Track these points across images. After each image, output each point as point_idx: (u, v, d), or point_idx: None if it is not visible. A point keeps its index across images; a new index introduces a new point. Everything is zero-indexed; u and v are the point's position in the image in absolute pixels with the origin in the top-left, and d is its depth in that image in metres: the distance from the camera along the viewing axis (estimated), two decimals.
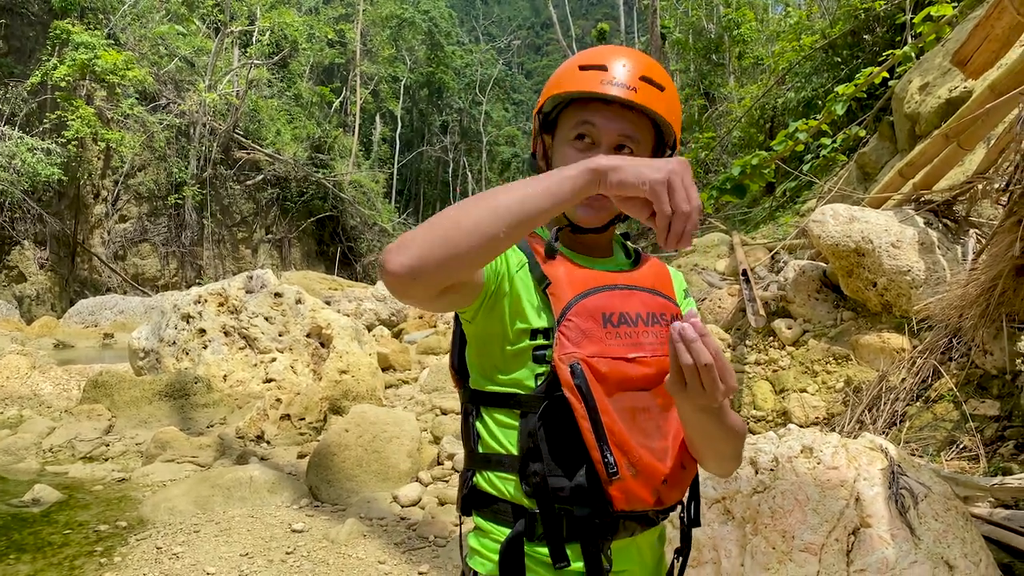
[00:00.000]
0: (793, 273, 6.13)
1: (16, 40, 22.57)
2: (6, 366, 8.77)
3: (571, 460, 1.21)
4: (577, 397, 1.18)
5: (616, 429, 1.20)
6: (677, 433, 1.30)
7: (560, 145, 1.35)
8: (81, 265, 23.80)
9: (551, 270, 1.28)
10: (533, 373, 1.25)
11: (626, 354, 1.24)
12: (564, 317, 1.23)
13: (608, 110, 1.30)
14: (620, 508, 1.20)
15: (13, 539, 4.54)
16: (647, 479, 1.22)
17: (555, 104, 1.37)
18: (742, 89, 20.48)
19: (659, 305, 1.34)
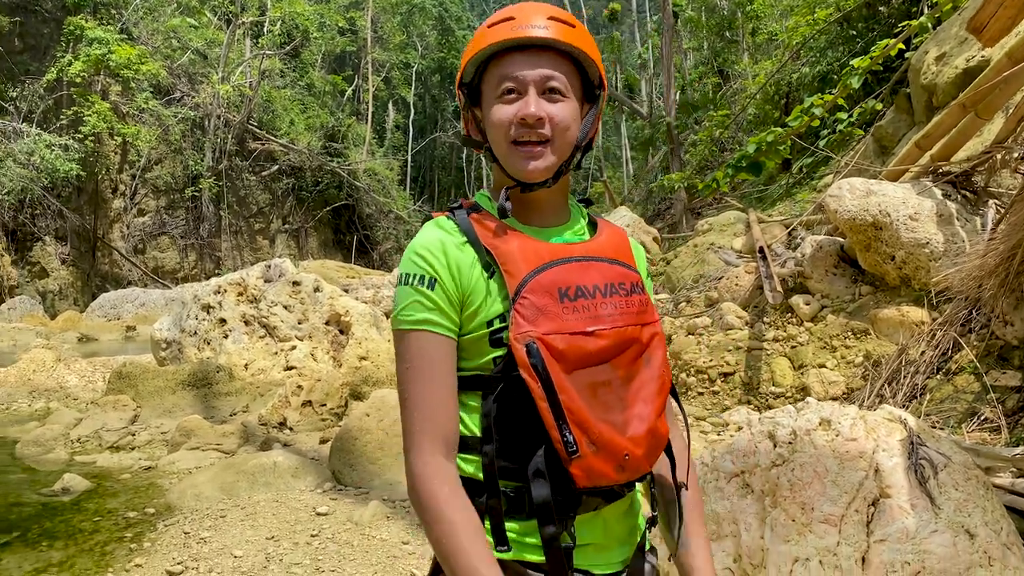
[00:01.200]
0: (810, 249, 6.10)
1: (31, 38, 22.73)
2: (32, 360, 8.91)
3: (530, 440, 1.19)
4: (533, 377, 1.17)
5: (575, 407, 1.18)
6: (648, 401, 1.28)
7: (489, 109, 1.30)
8: (102, 259, 24.05)
9: (504, 245, 1.26)
10: (491, 356, 1.24)
11: (584, 328, 1.22)
12: (519, 296, 1.21)
13: (526, 56, 1.27)
14: (582, 485, 1.19)
15: (45, 527, 4.64)
16: (609, 454, 1.20)
17: (475, 70, 1.34)
18: (756, 66, 20.28)
19: (618, 274, 1.32)
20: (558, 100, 1.27)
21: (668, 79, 22.24)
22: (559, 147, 1.29)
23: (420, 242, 1.28)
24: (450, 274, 1.24)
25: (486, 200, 1.38)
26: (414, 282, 1.24)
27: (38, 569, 4.00)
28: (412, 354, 1.23)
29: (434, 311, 1.22)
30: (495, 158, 1.32)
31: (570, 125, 1.29)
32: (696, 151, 20.66)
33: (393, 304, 1.29)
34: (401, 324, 1.24)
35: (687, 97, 25.24)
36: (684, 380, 6.22)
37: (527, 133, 1.26)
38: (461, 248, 1.26)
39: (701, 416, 5.66)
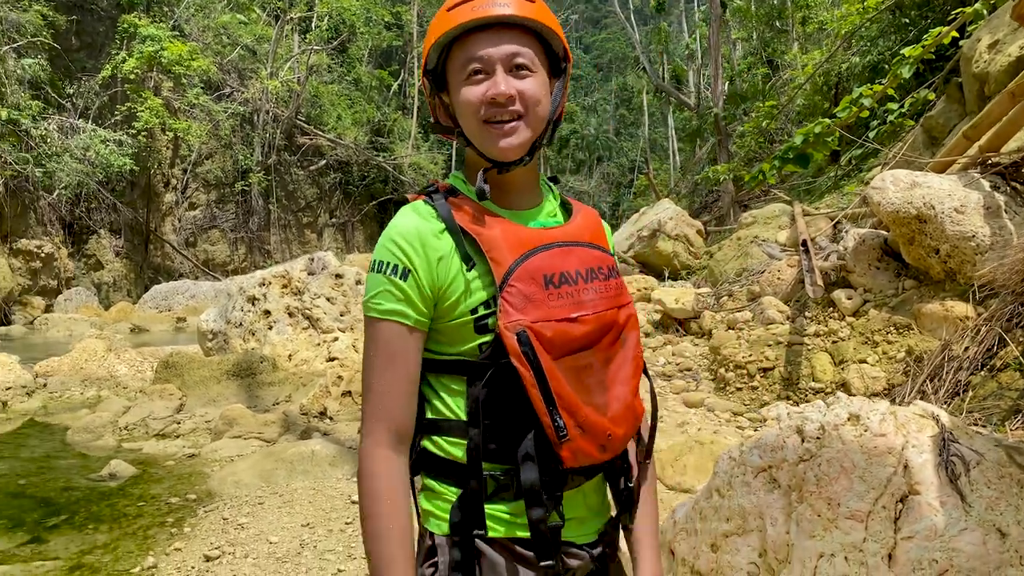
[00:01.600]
0: (853, 242, 5.98)
1: (87, 36, 23.35)
2: (84, 349, 9.19)
3: (518, 424, 1.23)
4: (525, 365, 1.19)
5: (564, 393, 1.22)
6: (625, 381, 1.33)
7: (457, 93, 1.30)
8: (154, 252, 24.64)
9: (487, 232, 1.26)
10: (477, 343, 1.26)
11: (569, 314, 1.25)
12: (506, 283, 1.23)
13: (489, 35, 1.27)
14: (570, 466, 1.24)
15: (92, 510, 4.80)
16: (593, 436, 1.25)
17: (439, 55, 1.33)
18: (805, 56, 19.89)
19: (596, 259, 1.35)
20: (526, 75, 1.27)
21: (716, 69, 21.97)
22: (532, 121, 1.29)
23: (397, 230, 1.28)
24: (426, 265, 1.24)
25: (461, 183, 1.37)
26: (387, 271, 1.25)
27: (83, 551, 4.13)
28: (378, 343, 1.26)
29: (403, 302, 1.24)
30: (468, 142, 1.32)
31: (541, 99, 1.29)
32: (743, 142, 20.36)
33: (365, 288, 1.30)
34: (370, 311, 1.27)
35: (735, 88, 24.89)
36: (722, 375, 6.16)
37: (499, 112, 1.26)
38: (439, 236, 1.26)
39: (739, 411, 5.60)
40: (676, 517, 3.12)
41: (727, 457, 2.96)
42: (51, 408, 8.00)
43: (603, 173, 56.19)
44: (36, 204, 19.75)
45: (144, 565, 3.85)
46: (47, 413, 7.82)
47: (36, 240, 19.55)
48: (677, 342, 7.38)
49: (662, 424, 5.32)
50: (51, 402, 8.18)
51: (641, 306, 9.08)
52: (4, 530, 4.53)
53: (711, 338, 6.82)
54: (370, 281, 1.28)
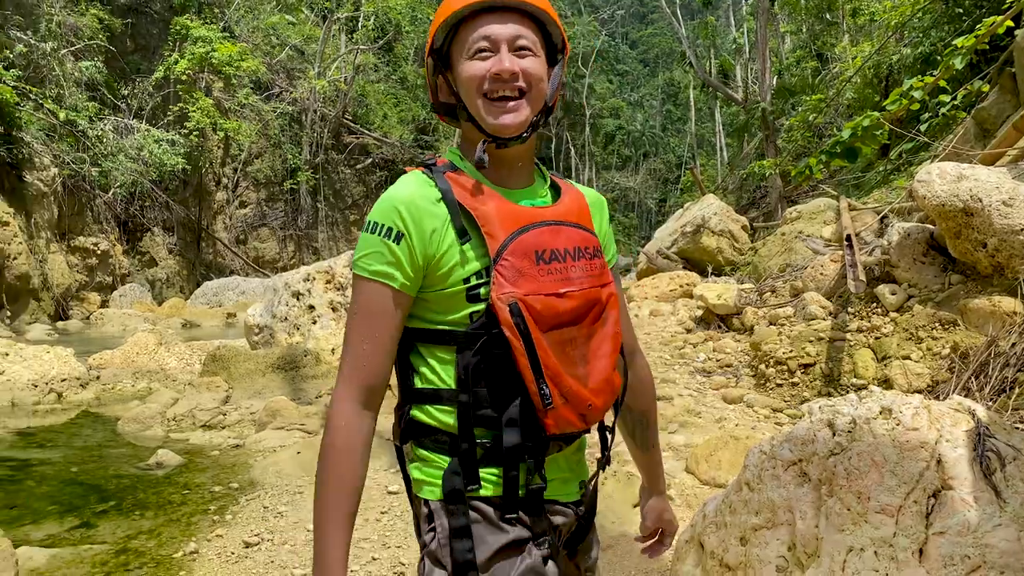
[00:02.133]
0: (897, 236, 5.86)
1: (141, 38, 23.97)
2: (136, 343, 9.45)
3: (506, 392, 1.29)
4: (516, 335, 1.25)
5: (550, 363, 1.28)
6: (606, 355, 1.39)
7: (461, 68, 1.36)
8: (206, 249, 25.20)
9: (483, 206, 1.32)
10: (468, 312, 1.30)
11: (557, 289, 1.31)
12: (500, 257, 1.28)
13: (495, 17, 1.34)
14: (551, 433, 1.31)
15: (139, 498, 4.94)
16: (575, 405, 1.31)
17: (446, 35, 1.39)
18: (855, 48, 19.48)
19: (583, 238, 1.41)
20: (527, 55, 1.35)
21: (763, 63, 21.64)
22: (533, 98, 1.36)
23: (395, 194, 1.32)
24: (420, 232, 1.29)
25: (458, 158, 1.43)
26: (380, 232, 1.30)
27: (129, 535, 4.26)
28: (362, 302, 1.31)
29: (392, 265, 1.29)
30: (469, 116, 1.38)
31: (542, 77, 1.37)
32: (789, 137, 20.04)
33: (356, 247, 1.35)
34: (359, 270, 1.32)
35: (784, 82, 24.50)
36: (763, 371, 6.08)
37: (501, 87, 1.33)
38: (435, 205, 1.31)
39: (778, 408, 5.53)
40: (706, 510, 3.11)
41: (757, 451, 2.93)
42: (104, 399, 8.25)
43: (649, 169, 55.77)
44: (92, 203, 20.35)
45: (186, 550, 3.95)
46: (100, 404, 8.06)
47: (92, 238, 20.15)
48: (718, 338, 7.31)
49: (699, 419, 5.28)
50: (104, 393, 8.43)
51: (683, 302, 9.01)
52: (56, 515, 4.69)
53: (752, 334, 6.74)
54: (363, 241, 1.32)
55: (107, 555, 3.98)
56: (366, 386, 1.30)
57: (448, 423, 1.32)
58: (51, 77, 18.94)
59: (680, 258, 12.24)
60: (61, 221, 19.07)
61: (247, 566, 3.76)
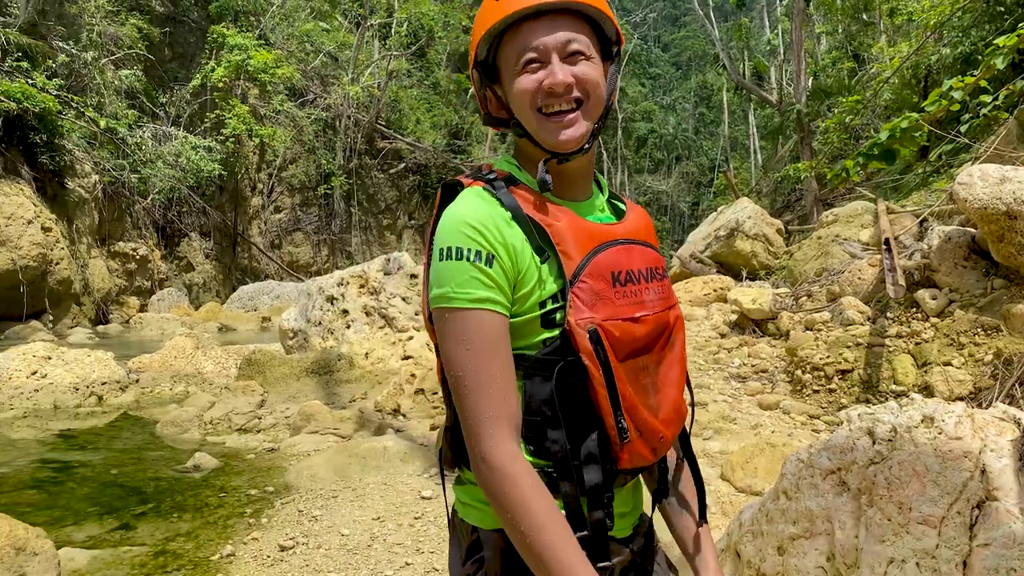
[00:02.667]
0: (938, 240, 5.75)
1: (179, 47, 24.38)
2: (174, 347, 9.59)
3: (580, 424, 1.19)
4: (595, 364, 1.16)
5: (627, 394, 1.19)
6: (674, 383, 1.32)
7: (511, 83, 1.26)
8: (241, 254, 25.53)
9: (556, 223, 1.22)
10: (541, 338, 1.20)
11: (633, 314, 1.23)
12: (577, 279, 1.19)
13: (542, 24, 1.23)
14: (624, 467, 1.22)
15: (176, 500, 5.01)
16: (648, 438, 1.23)
17: (489, 46, 1.29)
18: (892, 48, 19.19)
19: (653, 259, 1.33)
20: (581, 60, 1.24)
21: (798, 65, 21.41)
22: (591, 108, 1.26)
23: (471, 214, 1.20)
24: (507, 251, 1.18)
25: (516, 170, 1.32)
26: (468, 256, 1.16)
27: (168, 538, 4.32)
28: (473, 334, 1.16)
29: (494, 289, 1.17)
30: (524, 132, 1.27)
31: (599, 82, 1.26)
32: (825, 139, 19.78)
33: (437, 279, 1.20)
34: (457, 302, 1.16)
35: (819, 83, 24.20)
36: (799, 377, 6.00)
37: (556, 102, 1.23)
38: (509, 224, 1.20)
39: (815, 415, 5.46)
40: (742, 519, 3.07)
41: (795, 459, 2.89)
42: (143, 402, 8.38)
43: (682, 172, 55.43)
44: (132, 208, 20.73)
45: (223, 553, 3.99)
46: (139, 407, 8.20)
47: (132, 243, 20.52)
48: (753, 343, 7.23)
49: (734, 426, 5.23)
50: (143, 397, 8.57)
51: (717, 306, 8.93)
52: (96, 516, 4.77)
53: (788, 339, 6.66)
54: (449, 269, 1.18)
55: (146, 557, 4.04)
56: (514, 420, 1.17)
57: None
58: (92, 86, 19.36)
59: (714, 262, 12.14)
60: (101, 227, 19.46)
61: (282, 569, 3.79)
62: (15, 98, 15.50)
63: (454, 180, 1.29)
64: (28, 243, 15.27)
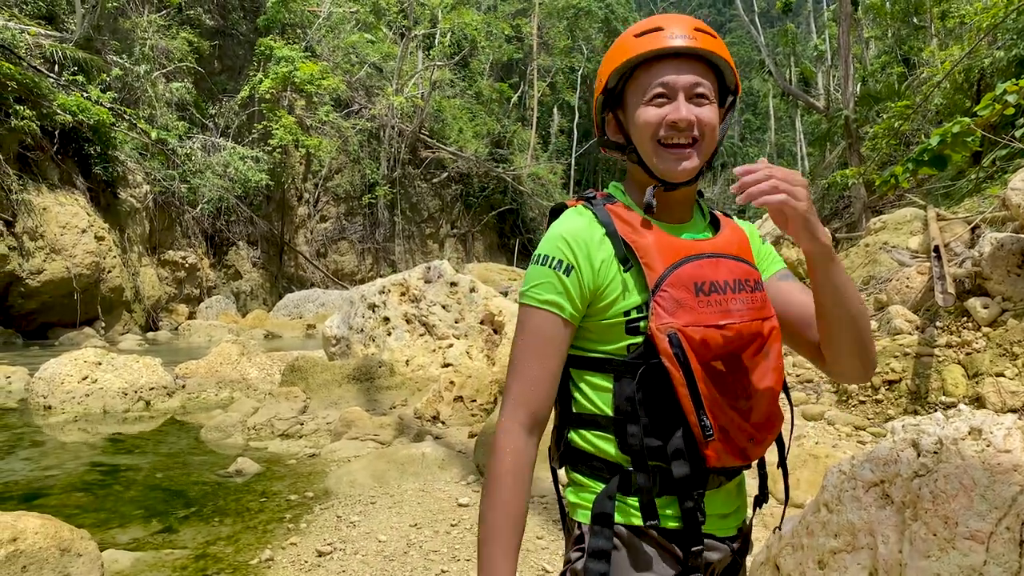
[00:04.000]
0: (990, 247, 5.58)
1: (228, 59, 24.91)
2: (219, 353, 9.75)
3: (667, 422, 1.30)
4: (675, 365, 1.26)
5: (709, 394, 1.28)
6: (767, 391, 1.38)
7: (635, 113, 1.39)
8: (288, 262, 25.92)
9: (641, 239, 1.35)
10: (626, 343, 1.33)
11: (717, 321, 1.32)
12: (659, 288, 1.30)
13: (674, 64, 1.36)
14: (712, 465, 1.31)
15: (219, 504, 5.07)
16: (736, 438, 1.32)
17: (619, 77, 1.42)
18: (944, 52, 18.76)
19: (743, 271, 1.41)
20: (704, 104, 1.37)
21: (846, 70, 21.03)
22: (705, 147, 1.38)
23: (567, 228, 1.37)
24: (589, 265, 1.33)
25: (620, 193, 1.47)
26: (552, 264, 1.34)
27: (208, 541, 4.38)
28: (530, 330, 1.35)
29: (563, 295, 1.32)
30: (638, 159, 1.41)
31: (716, 126, 1.40)
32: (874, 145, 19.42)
33: (525, 278, 1.39)
34: (528, 299, 1.36)
35: (868, 88, 23.77)
36: (845, 387, 5.87)
37: (676, 136, 1.35)
38: (602, 240, 1.35)
39: (860, 426, 5.33)
40: (783, 531, 3.00)
41: (837, 471, 2.81)
42: (188, 408, 8.54)
43: (728, 179, 54.81)
44: (181, 218, 21.19)
45: (262, 557, 4.03)
46: (185, 412, 8.35)
47: (181, 251, 20.97)
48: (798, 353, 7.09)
49: None
50: (188, 402, 8.73)
51: None
52: (141, 519, 4.86)
53: None
54: (532, 272, 1.36)
55: (187, 560, 4.09)
56: (533, 412, 1.33)
57: (605, 450, 1.35)
58: (144, 98, 19.88)
59: None
60: (152, 236, 19.92)
61: (319, 575, 3.81)
62: (71, 111, 15.98)
63: (562, 203, 1.46)
64: (82, 251, 15.70)
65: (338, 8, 27.20)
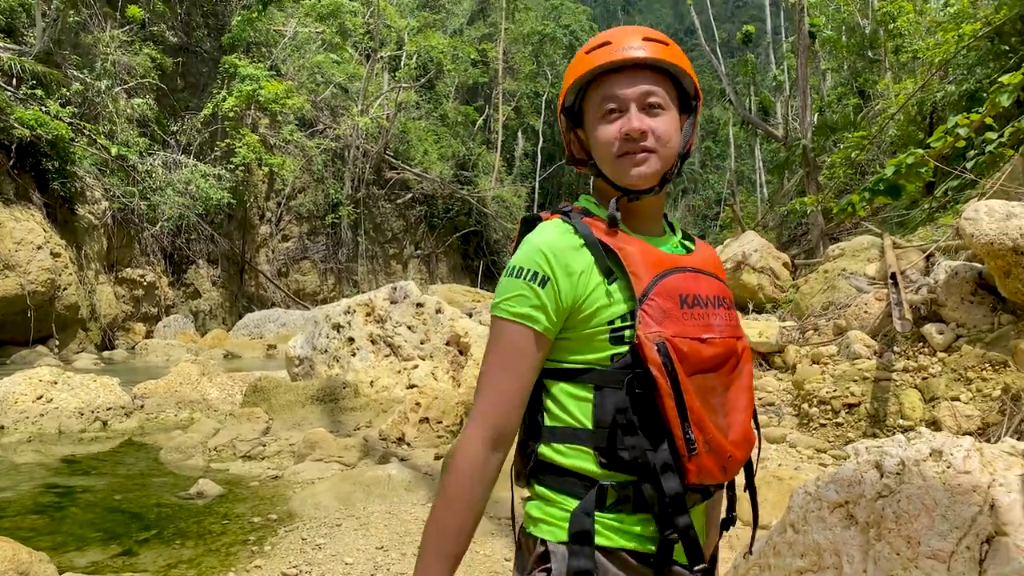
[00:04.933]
0: (944, 275, 5.75)
1: (191, 76, 24.68)
2: (179, 373, 9.60)
3: (650, 435, 1.25)
4: (663, 375, 1.22)
5: (695, 407, 1.25)
6: (743, 408, 1.38)
7: (593, 129, 1.39)
8: (249, 282, 25.61)
9: (628, 247, 1.32)
10: (610, 353, 1.29)
11: (700, 334, 1.30)
12: (647, 297, 1.27)
13: (624, 77, 1.35)
14: (692, 481, 1.26)
15: (179, 527, 4.99)
16: (717, 455, 1.28)
17: (576, 94, 1.42)
18: (898, 85, 19.34)
19: (720, 288, 1.41)
20: (658, 113, 1.35)
21: (804, 100, 21.54)
22: (664, 155, 1.36)
23: (543, 239, 1.33)
24: (567, 276, 1.29)
25: (593, 205, 1.44)
26: (526, 276, 1.30)
27: (170, 565, 4.30)
28: (503, 343, 1.31)
29: (537, 308, 1.29)
30: (599, 173, 1.40)
31: (671, 136, 1.37)
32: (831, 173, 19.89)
33: (497, 290, 1.36)
34: (501, 312, 1.32)
35: (825, 119, 24.37)
36: (806, 411, 5.98)
37: (632, 147, 1.34)
38: (579, 251, 1.31)
39: (822, 448, 5.43)
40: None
41: (802, 492, 2.88)
42: (147, 428, 8.38)
43: (688, 205, 55.62)
44: (140, 235, 20.84)
45: None
46: (143, 433, 8.19)
47: (139, 269, 20.60)
48: (760, 376, 7.21)
49: None
50: (147, 423, 8.57)
51: None
52: (99, 542, 4.75)
53: (795, 372, 6.64)
54: (506, 285, 1.33)
55: None
56: (500, 427, 1.29)
57: (581, 464, 1.29)
58: (104, 114, 19.58)
59: None
60: (110, 253, 19.56)
61: None
62: (28, 125, 15.68)
63: (535, 215, 1.42)
64: (37, 268, 15.35)
65: (304, 28, 27.17)
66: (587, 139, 1.42)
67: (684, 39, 78.14)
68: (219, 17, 25.62)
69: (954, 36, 13.91)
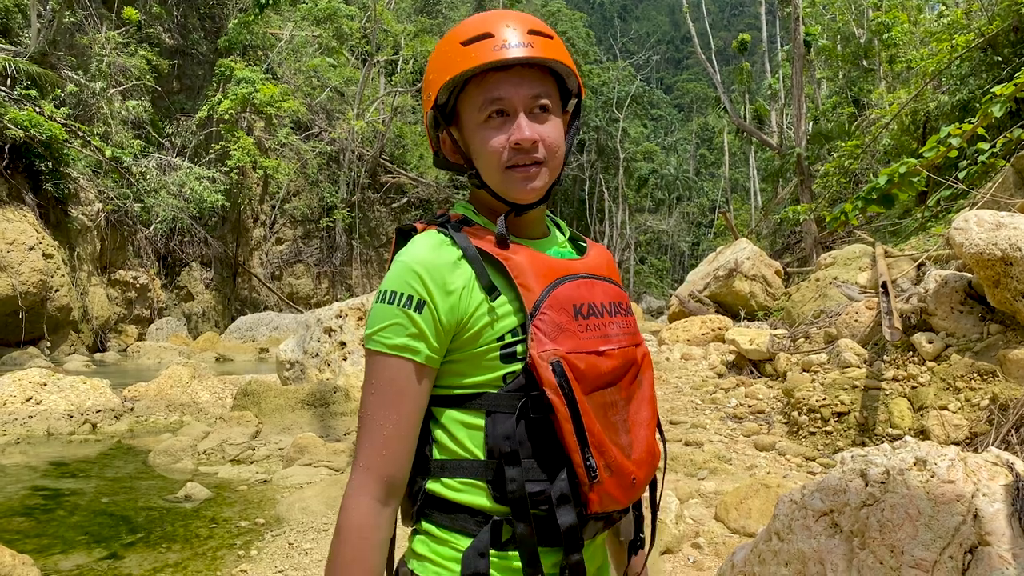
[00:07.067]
0: (934, 284, 5.77)
1: (187, 79, 24.67)
2: (170, 376, 9.56)
3: (548, 463, 1.14)
4: (560, 397, 1.11)
5: (595, 430, 1.14)
6: (646, 422, 1.27)
7: (474, 133, 1.25)
8: (242, 285, 25.55)
9: (515, 257, 1.20)
10: (501, 373, 1.17)
11: (597, 347, 1.20)
12: (538, 311, 1.16)
13: (510, 77, 1.21)
14: (594, 511, 1.15)
15: (166, 530, 4.97)
16: (620, 479, 1.17)
17: (449, 92, 1.26)
18: (891, 94, 19.43)
19: (615, 294, 1.31)
20: (547, 118, 1.24)
21: (799, 109, 21.64)
22: (552, 165, 1.25)
23: (414, 257, 1.18)
24: (445, 295, 1.16)
25: (471, 213, 1.32)
26: (399, 302, 1.16)
27: (155, 568, 4.28)
28: (381, 381, 1.16)
29: (416, 337, 1.15)
30: (482, 183, 1.27)
31: (560, 144, 1.26)
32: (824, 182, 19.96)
33: (369, 319, 1.21)
34: (376, 345, 1.17)
35: (819, 127, 24.47)
36: (796, 419, 5.99)
37: (522, 158, 1.22)
38: (457, 265, 1.18)
39: (811, 456, 5.43)
40: (735, 560, 3.04)
41: (788, 500, 2.88)
42: (136, 431, 8.35)
43: (683, 212, 55.78)
44: (134, 237, 20.80)
45: None
46: (133, 436, 8.16)
47: (132, 271, 20.55)
48: (750, 384, 7.22)
49: (729, 466, 5.20)
50: (137, 425, 8.54)
51: (715, 346, 8.93)
52: (85, 545, 4.73)
53: (785, 380, 6.65)
54: (378, 312, 1.18)
55: None
56: (387, 476, 1.15)
57: (473, 499, 1.17)
58: (99, 115, 19.55)
59: (712, 302, 12.16)
60: (103, 255, 19.51)
61: None
62: (22, 125, 15.65)
63: (409, 225, 1.28)
64: (29, 269, 15.30)
65: (300, 32, 27.18)
66: (464, 143, 1.28)
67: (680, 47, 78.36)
68: (215, 20, 25.65)
69: (947, 47, 14.00)
